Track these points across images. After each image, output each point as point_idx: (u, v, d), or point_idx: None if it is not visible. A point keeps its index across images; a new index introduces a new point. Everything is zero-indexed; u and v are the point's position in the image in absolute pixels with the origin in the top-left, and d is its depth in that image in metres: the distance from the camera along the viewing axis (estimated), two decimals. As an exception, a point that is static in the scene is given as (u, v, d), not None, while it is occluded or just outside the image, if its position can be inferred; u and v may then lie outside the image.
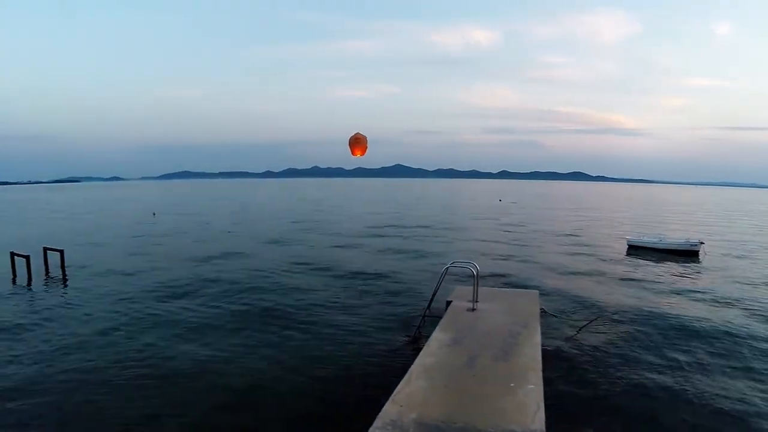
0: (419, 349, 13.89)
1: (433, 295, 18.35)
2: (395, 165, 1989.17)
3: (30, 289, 28.49)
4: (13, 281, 30.29)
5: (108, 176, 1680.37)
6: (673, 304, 23.95)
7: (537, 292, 19.60)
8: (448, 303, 17.59)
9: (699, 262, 36.17)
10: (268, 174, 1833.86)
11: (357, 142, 18.29)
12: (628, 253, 39.93)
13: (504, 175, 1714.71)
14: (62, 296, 26.72)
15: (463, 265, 18.05)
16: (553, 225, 62.80)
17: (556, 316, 20.40)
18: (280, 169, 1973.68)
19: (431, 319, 18.03)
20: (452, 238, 48.76)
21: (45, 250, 33.51)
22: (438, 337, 13.93)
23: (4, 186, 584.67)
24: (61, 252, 32.61)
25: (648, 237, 43.27)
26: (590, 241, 47.11)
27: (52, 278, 31.03)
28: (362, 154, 18.56)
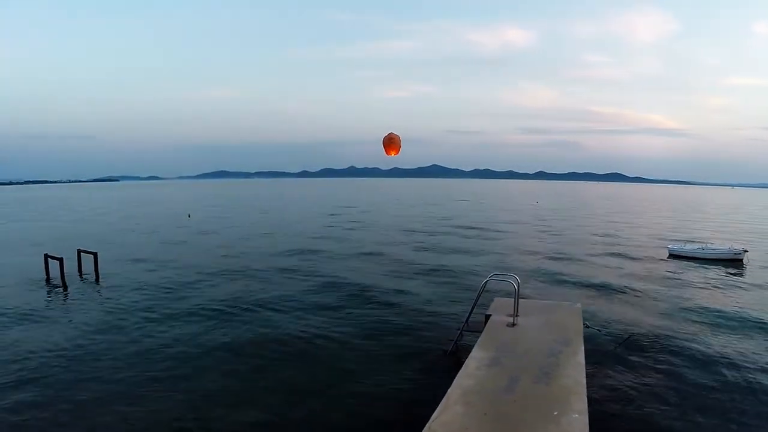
0: (456, 365, 13.40)
1: (472, 308, 17.65)
2: (432, 165, 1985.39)
3: (66, 293, 28.88)
4: (47, 282, 30.83)
5: (146, 175, 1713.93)
6: (719, 323, 22.49)
7: (580, 306, 18.64)
8: (487, 317, 16.88)
9: (743, 271, 34.91)
10: (305, 174, 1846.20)
11: (391, 142, 17.74)
12: (670, 263, 38.59)
13: (541, 175, 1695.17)
14: (94, 299, 26.95)
15: (503, 278, 17.37)
16: (592, 230, 60.84)
17: (599, 330, 19.59)
18: (317, 169, 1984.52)
19: (469, 333, 17.43)
20: (489, 244, 47.66)
21: (79, 252, 34.01)
22: (477, 356, 13.34)
23: (45, 184, 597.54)
24: (95, 255, 32.79)
25: (690, 246, 41.76)
26: (630, 249, 45.43)
27: (85, 281, 31.37)
28: (396, 154, 17.97)
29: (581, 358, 13.32)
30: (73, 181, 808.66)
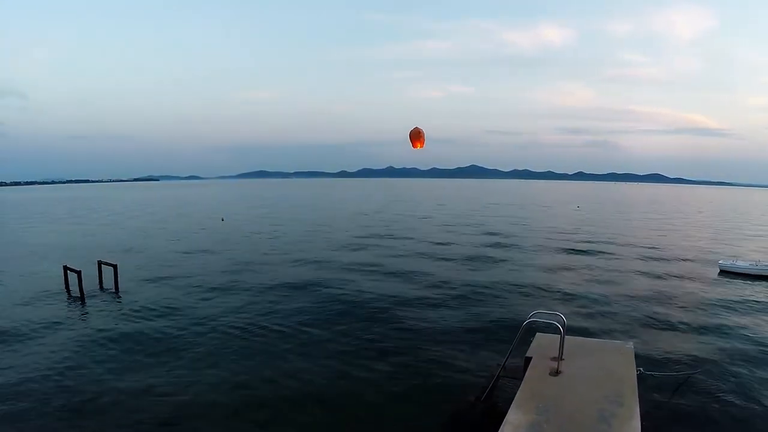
0: (489, 417, 11.84)
1: (510, 351, 15.72)
2: (470, 165, 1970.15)
3: (83, 308, 27.85)
4: (68, 295, 30.33)
5: (186, 175, 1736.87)
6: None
7: (632, 346, 16.29)
8: (528, 360, 14.83)
9: None
10: (343, 174, 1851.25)
11: (417, 136, 19.77)
12: (720, 280, 35.79)
13: (580, 176, 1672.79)
14: (110, 317, 25.79)
15: (547, 318, 15.33)
16: (636, 240, 56.95)
17: (653, 375, 17.28)
18: (355, 169, 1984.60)
19: (506, 378, 15.47)
20: (526, 260, 44.45)
21: (99, 264, 33.33)
22: (514, 420, 11.42)
23: (86, 183, 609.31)
24: (115, 267, 31.98)
25: (742, 261, 38.69)
26: (677, 264, 42.18)
27: (105, 295, 30.62)
28: (421, 146, 20.02)
29: (637, 423, 11.32)
30: (114, 181, 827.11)
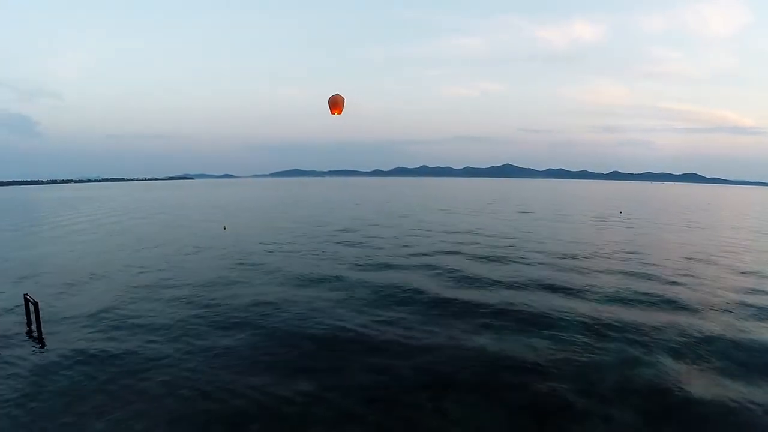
0: None
1: None
2: (504, 165, 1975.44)
3: None
4: None
5: (220, 174, 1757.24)
6: None
7: None
8: None
9: None
10: (377, 173, 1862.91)
11: (336, 103, 20.50)
12: None
13: (615, 175, 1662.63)
14: (19, 368, 20.51)
15: None
16: (690, 263, 44.60)
17: None
18: (389, 168, 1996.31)
19: None
20: (559, 292, 34.59)
21: (26, 298, 27.51)
22: None
23: (121, 182, 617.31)
24: (36, 304, 26.20)
25: None
26: (733, 295, 32.04)
27: (28, 336, 24.82)
28: (339, 113, 20.94)
29: None
30: (149, 179, 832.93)
